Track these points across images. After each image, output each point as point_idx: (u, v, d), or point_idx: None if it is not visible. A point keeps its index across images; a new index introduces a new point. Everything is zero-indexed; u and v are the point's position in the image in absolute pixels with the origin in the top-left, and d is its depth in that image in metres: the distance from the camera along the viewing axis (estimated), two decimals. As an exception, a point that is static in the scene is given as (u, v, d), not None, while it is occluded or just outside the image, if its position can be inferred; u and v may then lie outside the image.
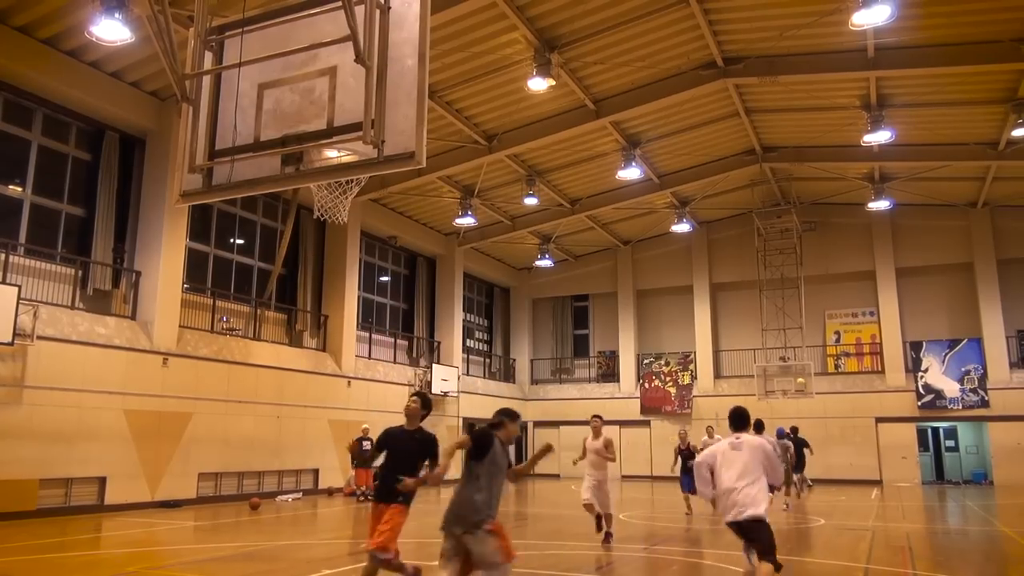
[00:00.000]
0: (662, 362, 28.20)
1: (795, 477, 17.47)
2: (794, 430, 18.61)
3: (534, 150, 20.26)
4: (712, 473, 6.25)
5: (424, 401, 6.28)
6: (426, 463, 6.10)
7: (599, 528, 10.25)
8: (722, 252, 28.07)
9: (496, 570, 4.90)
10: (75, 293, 14.81)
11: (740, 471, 6.01)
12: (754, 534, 5.96)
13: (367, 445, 17.86)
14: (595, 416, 10.85)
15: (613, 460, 10.48)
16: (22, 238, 14.45)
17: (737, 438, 6.26)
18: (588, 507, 10.39)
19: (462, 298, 27.12)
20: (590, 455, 10.56)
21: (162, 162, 15.92)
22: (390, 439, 6.23)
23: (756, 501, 5.91)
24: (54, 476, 13.38)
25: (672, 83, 17.27)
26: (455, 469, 7.48)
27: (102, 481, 14.14)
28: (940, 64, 15.50)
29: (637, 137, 20.03)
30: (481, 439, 5.27)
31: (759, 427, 12.43)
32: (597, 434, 10.59)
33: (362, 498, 17.26)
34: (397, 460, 6.11)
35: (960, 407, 23.79)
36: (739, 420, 6.40)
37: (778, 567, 5.82)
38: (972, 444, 25.12)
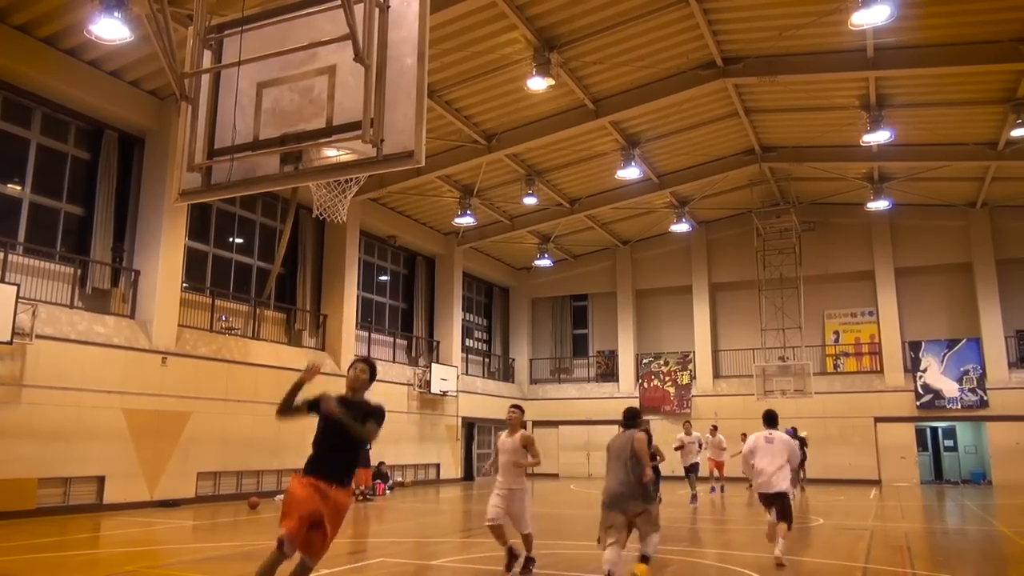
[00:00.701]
0: (661, 362, 28.21)
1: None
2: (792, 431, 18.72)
3: (533, 150, 20.25)
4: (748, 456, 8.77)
5: (372, 372, 5.49)
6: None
7: (509, 566, 7.73)
8: (721, 252, 28.08)
9: (657, 534, 7.14)
10: (74, 292, 14.80)
11: (772, 458, 8.55)
12: (778, 503, 8.51)
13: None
14: (513, 407, 8.21)
15: (536, 463, 7.89)
16: (21, 237, 14.44)
17: (770, 434, 8.75)
18: (495, 530, 7.77)
19: (461, 298, 27.12)
20: (501, 456, 7.91)
21: (161, 161, 15.91)
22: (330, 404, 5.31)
23: (782, 481, 8.48)
24: (53, 475, 13.37)
25: (671, 83, 17.27)
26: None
27: (101, 480, 14.13)
28: (939, 64, 15.50)
29: (636, 137, 20.03)
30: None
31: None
32: (514, 430, 7.99)
33: (360, 497, 17.26)
34: (340, 432, 5.17)
35: (959, 407, 23.81)
36: (771, 420, 8.94)
37: (790, 527, 8.54)
38: (971, 444, 25.14)
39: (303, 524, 4.94)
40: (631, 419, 7.45)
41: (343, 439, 5.22)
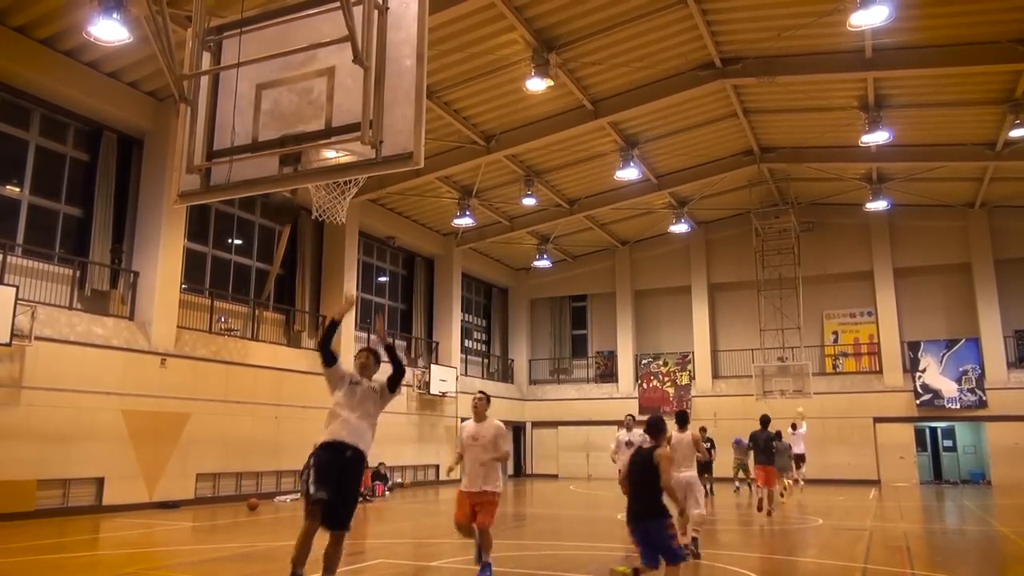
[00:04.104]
0: (660, 362, 28.21)
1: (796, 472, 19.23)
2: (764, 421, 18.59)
3: (532, 150, 20.26)
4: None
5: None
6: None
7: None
8: (720, 252, 28.09)
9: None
10: (73, 293, 14.78)
11: (798, 444, 19.25)
12: (799, 461, 19.17)
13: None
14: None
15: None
16: (20, 238, 14.43)
17: (794, 431, 19.48)
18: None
19: (460, 298, 27.11)
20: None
21: (160, 162, 15.90)
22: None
23: (803, 448, 19.72)
24: (52, 477, 13.36)
25: (670, 83, 17.27)
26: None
27: (100, 482, 14.13)
28: (938, 65, 15.51)
29: (635, 137, 20.04)
30: None
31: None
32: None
33: (359, 498, 17.25)
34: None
35: (958, 407, 23.82)
36: (794, 426, 19.51)
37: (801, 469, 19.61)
38: (970, 444, 25.15)
39: None
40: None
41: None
